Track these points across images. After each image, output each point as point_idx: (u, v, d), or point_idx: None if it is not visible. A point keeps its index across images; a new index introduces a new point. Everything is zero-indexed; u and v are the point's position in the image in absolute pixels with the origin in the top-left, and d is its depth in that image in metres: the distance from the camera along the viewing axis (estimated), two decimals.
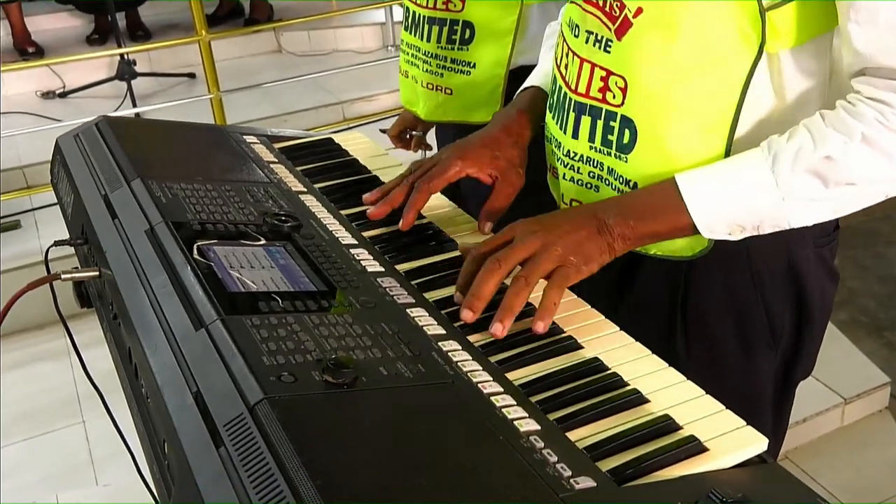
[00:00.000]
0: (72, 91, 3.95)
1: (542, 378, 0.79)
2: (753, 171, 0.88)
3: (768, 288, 1.02)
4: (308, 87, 3.76)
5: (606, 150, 0.99)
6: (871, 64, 0.85)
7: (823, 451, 2.33)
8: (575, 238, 0.89)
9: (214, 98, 3.11)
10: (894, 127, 0.84)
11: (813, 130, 0.87)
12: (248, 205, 1.03)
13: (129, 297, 0.85)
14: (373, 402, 0.69)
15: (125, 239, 0.93)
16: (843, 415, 2.40)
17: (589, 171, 1.03)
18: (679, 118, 0.93)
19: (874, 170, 0.86)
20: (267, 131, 1.34)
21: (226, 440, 0.63)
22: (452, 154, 1.07)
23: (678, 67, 0.92)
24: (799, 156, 0.86)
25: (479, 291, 0.85)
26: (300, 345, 0.74)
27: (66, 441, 2.35)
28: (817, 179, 0.87)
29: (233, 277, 0.85)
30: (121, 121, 1.21)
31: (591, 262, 0.89)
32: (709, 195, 0.90)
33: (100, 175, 1.06)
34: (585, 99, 1.00)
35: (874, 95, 0.85)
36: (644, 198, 0.94)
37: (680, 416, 0.74)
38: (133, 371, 0.81)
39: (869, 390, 2.44)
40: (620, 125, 0.97)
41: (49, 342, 2.58)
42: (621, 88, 0.96)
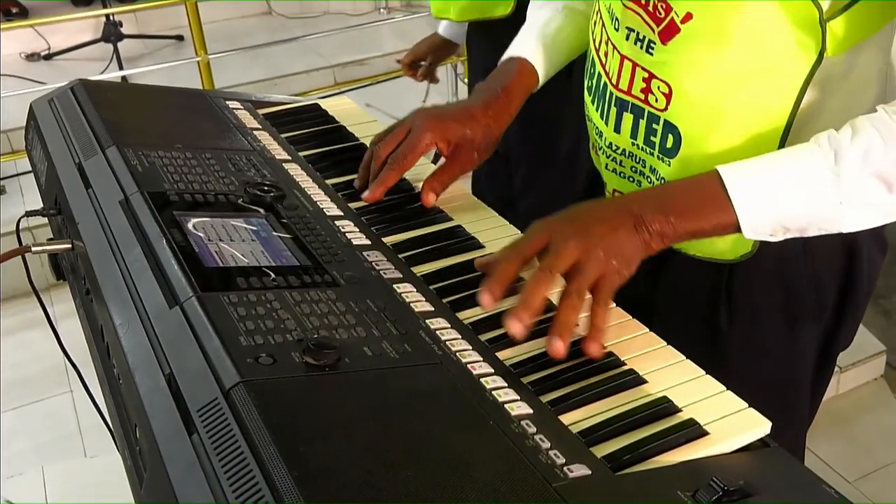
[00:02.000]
0: (57, 53, 3.89)
1: (535, 357, 0.76)
2: (810, 169, 0.80)
3: (820, 261, 0.97)
4: (299, 50, 3.72)
5: (649, 150, 0.95)
6: None
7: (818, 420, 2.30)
8: (613, 239, 0.80)
9: (202, 61, 3.06)
10: None
11: (882, 129, 0.79)
12: (229, 174, 1.00)
13: (102, 271, 0.82)
14: (356, 384, 0.67)
15: (98, 210, 0.90)
16: (837, 383, 2.40)
17: (631, 166, 1.00)
18: (728, 128, 0.88)
19: None
20: (251, 96, 1.31)
21: (199, 427, 0.60)
22: (425, 124, 1.02)
23: (728, 77, 0.86)
24: (867, 158, 0.78)
25: (531, 302, 0.76)
26: (280, 324, 0.71)
27: (55, 410, 2.34)
28: (882, 184, 0.79)
29: (210, 251, 0.82)
30: (98, 85, 1.17)
31: (632, 263, 0.81)
32: (757, 192, 0.81)
33: (74, 142, 1.03)
34: (627, 97, 0.95)
35: None
36: (684, 192, 0.85)
37: (679, 397, 0.71)
38: (105, 350, 0.78)
39: (864, 359, 2.43)
40: (664, 129, 0.92)
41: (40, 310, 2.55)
42: (665, 94, 0.91)
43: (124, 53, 3.73)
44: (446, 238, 0.95)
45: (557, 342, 0.74)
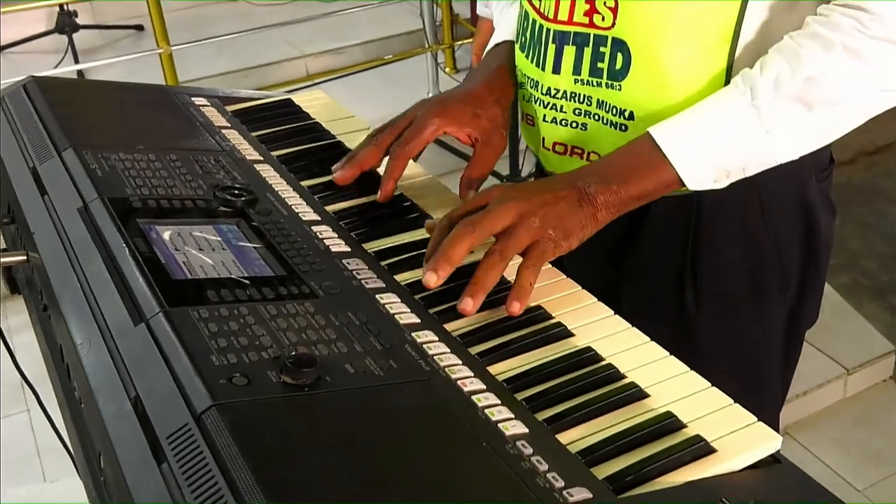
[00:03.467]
0: (6, 46, 3.87)
1: (529, 371, 0.76)
2: (732, 109, 0.89)
3: (779, 223, 1.03)
4: (268, 40, 3.72)
5: (596, 81, 0.99)
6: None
7: (825, 425, 2.35)
8: (555, 210, 0.86)
9: (164, 53, 3.05)
10: (874, 32, 0.84)
11: (787, 54, 0.87)
12: (197, 177, 0.99)
13: (60, 285, 0.81)
14: (338, 405, 0.66)
15: (55, 218, 0.89)
16: (845, 386, 2.42)
17: (574, 109, 1.03)
18: (677, 37, 0.94)
19: (859, 82, 0.87)
20: (219, 92, 1.30)
21: (168, 455, 0.59)
22: (429, 111, 1.03)
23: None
24: (778, 84, 0.86)
25: (447, 253, 0.82)
26: (255, 340, 0.71)
27: (11, 431, 2.32)
28: (801, 105, 0.87)
29: (178, 262, 0.81)
30: (53, 81, 1.17)
31: (571, 236, 0.87)
32: (689, 143, 0.89)
33: (27, 144, 1.02)
34: (568, 26, 0.99)
35: (848, 2, 0.85)
36: (622, 159, 0.92)
37: (684, 412, 0.71)
38: (65, 371, 0.77)
39: (872, 359, 2.47)
40: (612, 49, 0.97)
41: None
42: (611, 8, 0.95)
43: (80, 45, 3.73)
44: None
45: (466, 300, 0.80)
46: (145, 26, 3.87)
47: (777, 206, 1.02)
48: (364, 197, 1.03)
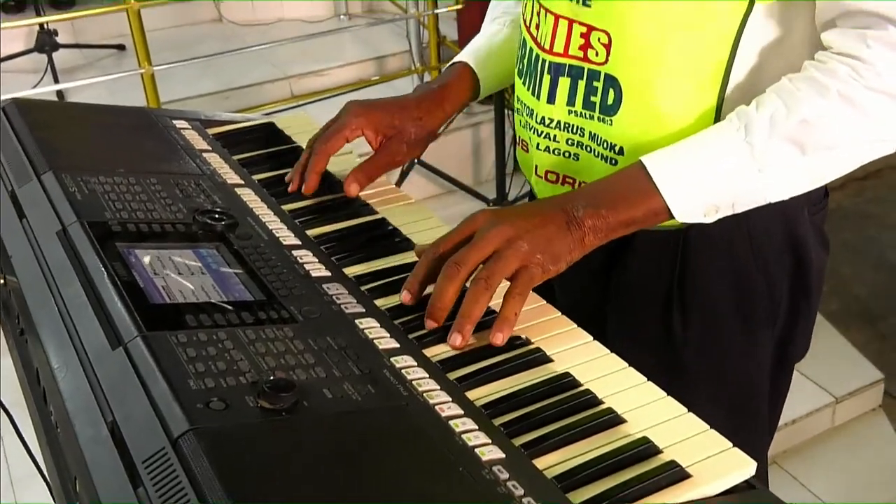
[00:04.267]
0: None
1: (507, 397, 0.77)
2: (725, 144, 0.89)
3: (768, 256, 1.04)
4: (252, 61, 3.72)
5: (588, 114, 1.01)
6: (845, 9, 0.86)
7: (814, 454, 2.36)
8: (542, 233, 0.87)
9: (146, 73, 3.05)
10: (869, 83, 0.85)
11: (784, 95, 0.88)
12: (177, 201, 1.00)
13: (37, 309, 0.82)
14: (315, 429, 0.67)
15: (33, 241, 0.90)
16: (833, 415, 2.43)
17: (567, 139, 1.04)
18: (668, 74, 0.95)
19: (853, 130, 0.87)
20: (200, 115, 1.31)
21: (144, 479, 0.60)
22: (353, 112, 1.10)
23: (667, 20, 0.93)
24: (774, 123, 0.87)
25: (440, 297, 0.84)
26: (233, 365, 0.71)
27: None
28: (794, 147, 0.88)
29: (157, 286, 0.82)
30: (32, 104, 1.18)
31: (559, 260, 0.88)
32: (681, 174, 0.90)
33: (6, 167, 1.03)
34: (563, 59, 1.01)
35: (845, 50, 0.87)
36: (613, 185, 0.93)
37: (660, 437, 0.72)
38: (41, 395, 0.78)
39: (861, 388, 2.48)
40: (604, 85, 0.98)
41: None
42: (605, 45, 0.97)
43: (60, 64, 3.72)
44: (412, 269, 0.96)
45: (455, 336, 0.82)
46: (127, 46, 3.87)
47: (766, 239, 1.03)
48: (345, 221, 1.05)
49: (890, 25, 0.84)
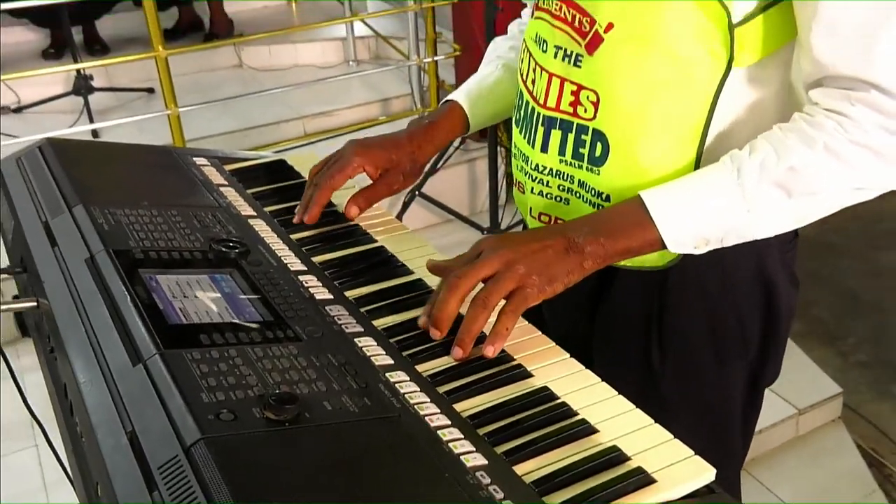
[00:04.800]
0: (27, 106, 3.86)
1: (491, 409, 0.77)
2: (719, 184, 0.89)
3: (740, 294, 1.03)
4: (268, 102, 3.72)
5: (578, 164, 1.00)
6: (829, 73, 0.86)
7: (779, 462, 2.34)
8: (541, 257, 0.87)
9: (172, 114, 3.07)
10: (853, 137, 0.85)
11: (774, 143, 0.88)
12: (195, 231, 1.00)
13: (66, 329, 0.82)
14: (316, 439, 0.67)
15: (64, 268, 0.90)
16: (797, 425, 2.42)
17: (559, 185, 1.03)
18: (651, 131, 0.94)
19: (836, 179, 0.87)
20: (218, 153, 1.31)
21: (159, 484, 0.60)
22: (353, 151, 1.12)
23: (650, 82, 0.92)
24: (764, 168, 0.87)
25: (445, 310, 0.85)
26: (241, 380, 0.72)
27: (19, 465, 2.29)
28: (781, 191, 0.88)
29: (175, 308, 0.82)
30: (65, 143, 1.18)
31: (556, 282, 0.87)
32: (676, 210, 0.90)
33: (41, 201, 1.03)
34: (555, 113, 1.01)
35: (831, 106, 0.86)
36: (612, 215, 0.93)
37: (628, 446, 0.73)
38: (68, 408, 0.78)
39: (822, 401, 2.46)
40: (592, 139, 0.98)
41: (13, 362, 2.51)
42: (593, 102, 0.96)
43: (95, 106, 3.73)
44: (408, 291, 0.96)
45: (456, 349, 0.83)
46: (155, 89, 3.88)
47: (738, 278, 1.02)
48: (347, 249, 1.05)
49: (872, 89, 0.84)
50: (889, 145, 0.85)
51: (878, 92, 0.84)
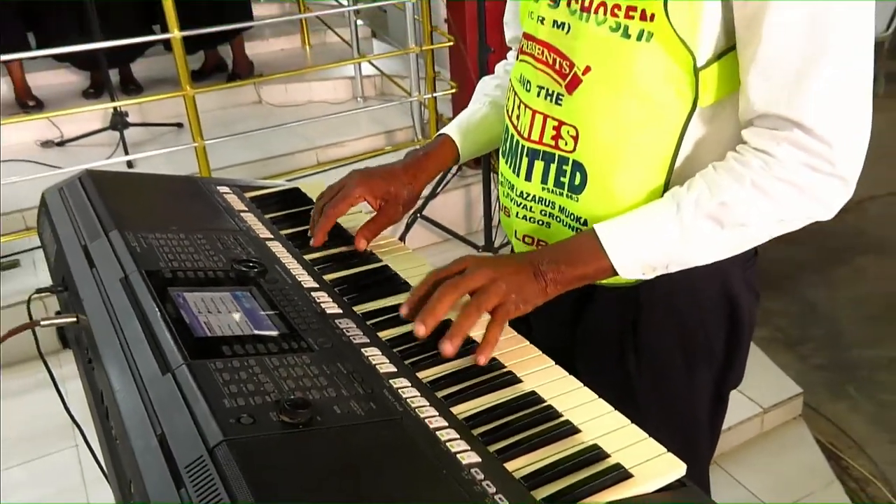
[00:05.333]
0: (69, 140, 3.86)
1: (485, 411, 0.77)
2: (662, 219, 0.90)
3: (707, 310, 1.03)
4: (285, 135, 3.72)
5: (559, 191, 1.00)
6: (760, 112, 0.87)
7: (746, 456, 2.33)
8: (516, 279, 0.88)
9: (199, 146, 3.07)
10: (777, 174, 0.86)
11: (708, 181, 0.89)
12: (218, 252, 1.00)
13: (103, 342, 0.82)
14: (327, 440, 0.67)
15: (101, 287, 0.90)
16: (762, 423, 2.41)
17: (541, 210, 1.03)
18: (625, 162, 0.94)
19: (763, 212, 0.88)
20: (239, 181, 1.31)
21: (186, 482, 0.60)
22: (356, 182, 1.11)
23: (624, 119, 0.93)
24: (699, 204, 0.88)
25: (435, 310, 0.85)
26: (260, 387, 0.72)
27: (61, 464, 2.28)
28: (715, 223, 0.88)
29: (200, 322, 0.82)
30: (102, 174, 1.18)
31: (528, 302, 0.89)
32: (624, 241, 0.91)
33: (80, 226, 1.03)
34: (538, 146, 1.01)
35: (759, 146, 0.87)
36: (571, 246, 0.94)
37: (608, 444, 0.73)
38: (104, 413, 0.78)
39: (784, 400, 2.45)
40: (572, 169, 0.98)
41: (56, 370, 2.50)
42: (573, 137, 0.97)
43: (130, 139, 3.72)
44: None
45: (446, 344, 0.82)
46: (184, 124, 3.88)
47: (705, 295, 1.02)
48: (355, 268, 1.05)
49: (795, 128, 0.84)
50: (811, 181, 0.85)
51: (800, 131, 0.84)
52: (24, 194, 3.21)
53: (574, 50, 0.94)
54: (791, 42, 0.82)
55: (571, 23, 0.94)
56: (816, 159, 0.84)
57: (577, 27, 0.93)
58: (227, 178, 1.33)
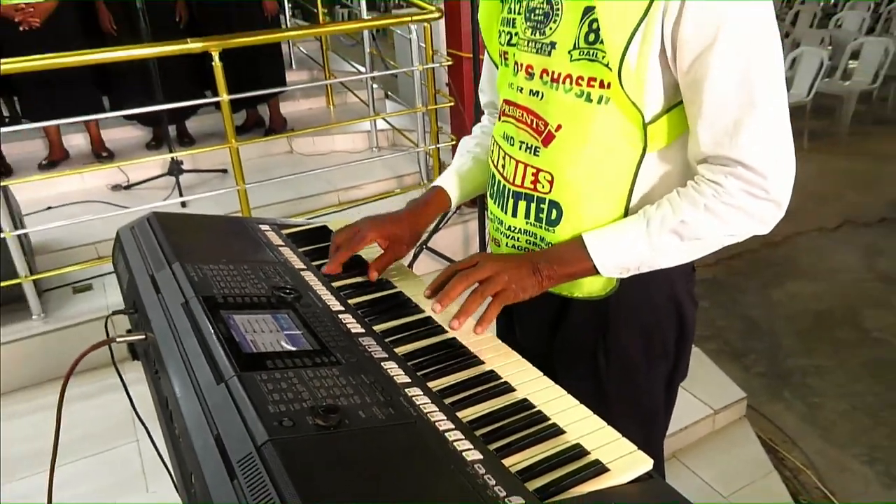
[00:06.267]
0: (134, 184, 3.88)
1: (486, 416, 0.77)
2: (634, 231, 0.95)
3: (660, 313, 1.05)
4: (312, 179, 3.74)
5: (539, 225, 1.03)
6: (709, 154, 0.90)
7: (701, 450, 2.32)
8: (518, 272, 0.93)
9: (241, 189, 3.09)
10: (725, 200, 0.90)
11: (672, 203, 0.93)
12: (261, 280, 1.01)
13: (167, 356, 0.82)
14: (354, 440, 0.67)
15: (165, 309, 0.90)
16: (713, 422, 2.40)
17: (525, 240, 1.06)
18: (591, 200, 0.98)
19: (714, 229, 0.92)
20: (277, 221, 1.31)
21: (238, 474, 0.61)
22: (368, 226, 1.11)
23: (589, 165, 0.96)
24: (663, 221, 0.93)
25: (450, 293, 0.90)
26: (298, 395, 0.72)
27: (123, 456, 2.27)
28: (676, 236, 0.93)
29: (248, 340, 0.82)
30: (165, 216, 1.18)
31: (525, 291, 0.93)
32: (605, 247, 0.95)
33: (148, 259, 1.03)
34: (521, 189, 1.04)
35: (711, 178, 0.91)
36: (563, 250, 0.98)
37: (588, 443, 0.73)
38: (168, 416, 0.77)
39: (731, 403, 2.44)
40: (549, 207, 1.01)
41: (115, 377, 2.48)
42: (549, 181, 1.00)
43: (183, 183, 3.74)
44: (420, 326, 0.97)
45: (454, 321, 0.88)
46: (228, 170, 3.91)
47: (657, 301, 1.05)
48: (374, 293, 1.05)
49: (738, 166, 0.88)
50: (752, 205, 0.90)
51: (742, 168, 0.88)
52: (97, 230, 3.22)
53: (547, 112, 0.98)
54: (727, 99, 0.86)
55: (544, 91, 0.98)
56: (755, 188, 0.89)
57: (549, 94, 0.97)
58: (267, 218, 1.34)
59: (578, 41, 0.92)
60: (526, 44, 0.99)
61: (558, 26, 0.94)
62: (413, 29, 3.38)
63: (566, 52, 0.93)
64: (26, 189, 3.36)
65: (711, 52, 0.84)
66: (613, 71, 0.89)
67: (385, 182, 3.99)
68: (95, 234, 3.24)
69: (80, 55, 2.77)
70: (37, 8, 3.62)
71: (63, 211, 3.57)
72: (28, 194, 3.48)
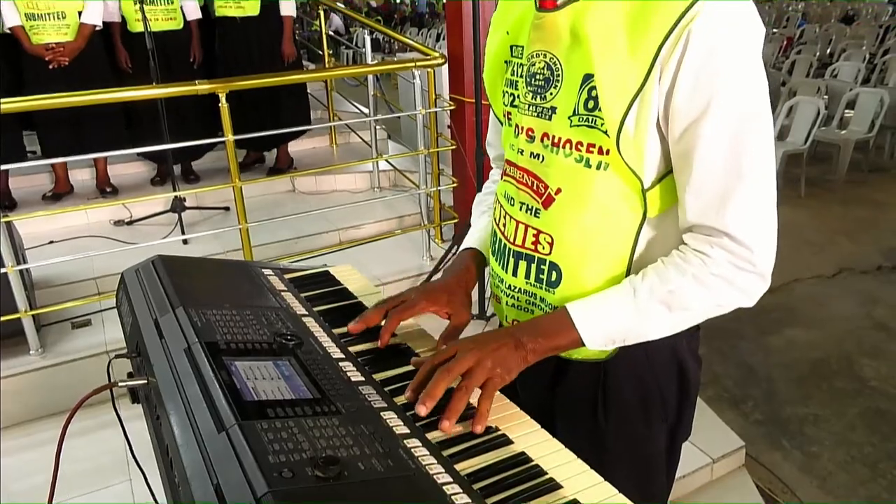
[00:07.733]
0: (137, 220, 3.90)
1: (483, 469, 0.77)
2: (621, 302, 0.93)
3: (661, 373, 1.04)
4: (314, 218, 3.76)
5: (539, 286, 1.02)
6: (695, 223, 0.91)
7: (699, 499, 2.29)
8: (499, 354, 0.90)
9: (243, 228, 3.11)
10: (712, 270, 0.90)
11: (659, 272, 0.92)
12: (263, 326, 1.01)
13: (169, 402, 0.82)
14: (353, 493, 0.67)
15: (168, 354, 0.90)
16: (712, 471, 2.38)
17: (525, 300, 1.05)
18: (592, 263, 0.97)
19: (702, 299, 0.91)
20: (280, 265, 1.32)
21: None
22: (420, 295, 1.08)
23: (590, 228, 0.96)
24: (651, 291, 0.91)
25: (432, 393, 0.85)
26: (298, 445, 0.72)
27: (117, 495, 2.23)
28: (664, 306, 0.91)
29: (249, 388, 0.82)
30: (170, 259, 1.18)
31: (511, 372, 0.90)
32: (590, 319, 0.93)
33: (152, 302, 1.03)
34: (522, 249, 1.03)
35: (697, 247, 0.91)
36: (547, 321, 0.96)
37: (584, 498, 0.73)
38: (169, 464, 0.77)
39: (729, 452, 2.42)
40: (549, 268, 1.00)
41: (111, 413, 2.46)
42: (549, 243, 0.99)
43: (186, 220, 3.77)
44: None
45: (445, 422, 0.83)
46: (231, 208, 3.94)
47: (658, 361, 1.03)
48: (374, 342, 1.05)
49: (724, 237, 0.89)
50: (738, 276, 0.89)
51: (728, 239, 0.88)
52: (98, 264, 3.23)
53: (548, 175, 0.98)
54: (715, 171, 0.87)
55: (545, 154, 0.98)
56: (741, 261, 0.89)
57: (550, 158, 0.98)
58: (270, 262, 1.34)
59: (578, 107, 0.93)
60: (527, 107, 1.00)
61: (559, 92, 0.95)
62: (416, 74, 3.44)
63: (566, 118, 0.94)
64: (29, 221, 3.38)
65: (702, 123, 0.85)
66: (612, 139, 0.90)
67: (386, 222, 4.02)
68: (96, 269, 3.26)
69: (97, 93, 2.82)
70: (66, 47, 3.70)
71: (65, 245, 3.58)
72: (30, 227, 3.50)
